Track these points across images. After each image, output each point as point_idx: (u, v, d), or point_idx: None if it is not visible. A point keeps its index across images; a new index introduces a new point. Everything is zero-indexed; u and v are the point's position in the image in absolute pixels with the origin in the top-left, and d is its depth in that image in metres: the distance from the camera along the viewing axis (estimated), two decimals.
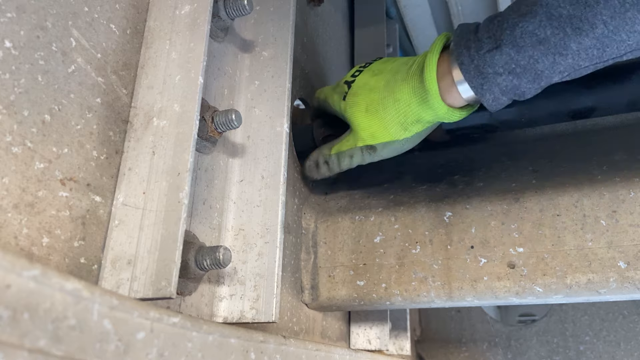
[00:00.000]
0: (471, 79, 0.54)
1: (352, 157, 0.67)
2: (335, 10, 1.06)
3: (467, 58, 0.54)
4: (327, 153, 0.69)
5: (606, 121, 0.74)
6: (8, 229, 0.34)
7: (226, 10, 0.55)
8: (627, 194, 0.58)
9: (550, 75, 0.52)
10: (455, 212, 0.65)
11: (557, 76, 0.52)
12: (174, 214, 0.42)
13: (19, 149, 0.36)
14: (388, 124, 0.62)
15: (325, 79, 0.92)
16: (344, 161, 0.68)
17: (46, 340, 0.22)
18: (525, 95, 0.55)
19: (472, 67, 0.54)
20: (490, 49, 0.52)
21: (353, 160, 0.67)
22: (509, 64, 0.52)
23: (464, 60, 0.54)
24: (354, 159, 0.67)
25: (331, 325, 0.76)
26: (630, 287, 0.55)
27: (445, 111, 0.58)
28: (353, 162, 0.68)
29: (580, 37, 0.48)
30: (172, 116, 0.46)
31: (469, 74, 0.54)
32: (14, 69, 0.36)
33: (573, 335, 1.15)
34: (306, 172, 0.72)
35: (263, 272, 0.52)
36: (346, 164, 0.68)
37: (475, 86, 0.55)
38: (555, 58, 0.50)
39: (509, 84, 0.53)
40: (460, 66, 0.55)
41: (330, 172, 0.70)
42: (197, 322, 0.34)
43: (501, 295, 0.60)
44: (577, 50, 0.49)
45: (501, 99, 0.55)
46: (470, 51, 0.54)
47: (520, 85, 0.53)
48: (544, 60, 0.51)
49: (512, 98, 0.56)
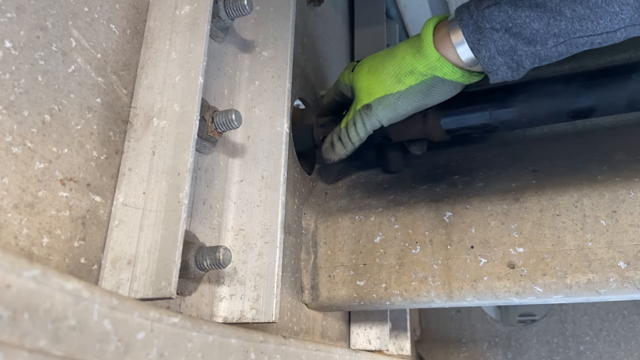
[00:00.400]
0: (469, 34, 0.57)
1: (356, 124, 0.68)
2: (335, 10, 1.06)
3: (466, 14, 0.57)
4: (338, 129, 0.71)
5: (606, 121, 0.74)
6: (8, 229, 0.34)
7: (226, 10, 0.55)
8: (627, 194, 0.58)
9: (544, 37, 0.54)
10: (455, 212, 0.65)
11: (552, 39, 0.54)
12: (174, 214, 0.42)
13: (19, 149, 0.36)
14: (383, 78, 0.64)
15: (325, 79, 0.92)
16: (351, 131, 0.68)
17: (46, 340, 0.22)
18: (523, 63, 0.56)
19: (471, 23, 0.57)
20: (489, 5, 0.55)
21: (357, 127, 0.68)
22: (506, 22, 0.54)
23: (464, 17, 0.57)
24: (357, 125, 0.67)
25: (331, 325, 0.76)
26: (630, 287, 0.55)
27: (437, 59, 0.60)
28: (358, 129, 0.68)
29: (575, 4, 0.51)
30: (172, 116, 0.46)
31: (467, 29, 0.57)
32: (14, 69, 0.36)
33: (573, 335, 1.15)
34: (324, 155, 0.72)
35: (263, 272, 0.52)
36: (353, 133, 0.68)
37: (472, 41, 0.57)
38: (550, 21, 0.53)
39: (505, 44, 0.55)
40: (460, 22, 0.57)
41: (345, 147, 0.70)
42: (197, 322, 0.34)
43: (501, 295, 0.60)
44: (571, 17, 0.52)
45: (497, 58, 0.57)
46: (469, 8, 0.57)
47: (517, 48, 0.55)
48: (539, 21, 0.53)
49: (509, 64, 0.57)
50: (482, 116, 0.70)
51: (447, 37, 0.59)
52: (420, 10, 1.21)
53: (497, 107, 0.69)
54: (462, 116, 0.71)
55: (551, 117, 0.69)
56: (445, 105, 0.69)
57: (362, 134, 0.68)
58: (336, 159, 0.72)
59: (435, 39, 0.60)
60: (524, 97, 0.68)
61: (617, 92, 0.64)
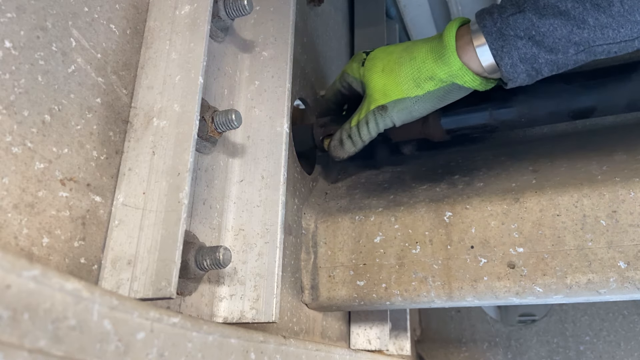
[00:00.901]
0: (492, 41, 0.57)
1: (368, 123, 0.67)
2: (335, 10, 1.06)
3: (489, 21, 0.57)
4: (348, 127, 0.70)
5: (606, 121, 0.74)
6: (8, 229, 0.34)
7: (226, 10, 0.55)
8: (627, 194, 0.58)
9: (566, 46, 0.54)
10: (455, 212, 0.65)
11: (572, 48, 0.54)
12: (174, 214, 0.42)
13: (19, 149, 0.36)
14: (401, 80, 0.63)
15: (325, 79, 0.92)
16: (362, 130, 0.68)
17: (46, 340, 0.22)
18: (542, 70, 0.57)
19: (495, 30, 0.57)
20: (514, 13, 0.56)
21: (369, 126, 0.67)
22: (530, 30, 0.55)
23: (487, 24, 0.57)
24: (370, 124, 0.67)
25: (331, 325, 0.76)
26: (630, 287, 0.55)
27: (459, 67, 0.59)
28: (370, 129, 0.67)
29: (598, 12, 0.52)
30: (172, 116, 0.46)
31: (491, 36, 0.57)
32: (14, 69, 0.36)
33: (573, 335, 1.15)
34: (332, 152, 0.72)
35: (263, 272, 0.52)
36: (365, 132, 0.68)
37: (496, 48, 0.57)
38: (573, 29, 0.53)
39: (528, 52, 0.56)
40: (483, 29, 0.57)
41: (355, 145, 0.69)
42: (197, 322, 0.34)
43: (501, 295, 0.60)
44: (593, 26, 0.52)
45: (519, 66, 0.57)
46: (493, 15, 0.57)
47: (539, 56, 0.55)
48: (562, 29, 0.54)
49: (529, 72, 0.57)
50: (482, 116, 0.70)
51: (469, 44, 0.58)
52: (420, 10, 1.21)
53: (497, 107, 0.69)
54: (462, 116, 0.71)
55: (551, 117, 0.69)
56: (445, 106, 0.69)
57: (373, 133, 0.68)
58: (345, 156, 0.71)
59: (458, 45, 0.59)
60: (524, 97, 0.68)
61: (617, 92, 0.64)
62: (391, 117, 0.65)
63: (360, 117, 0.68)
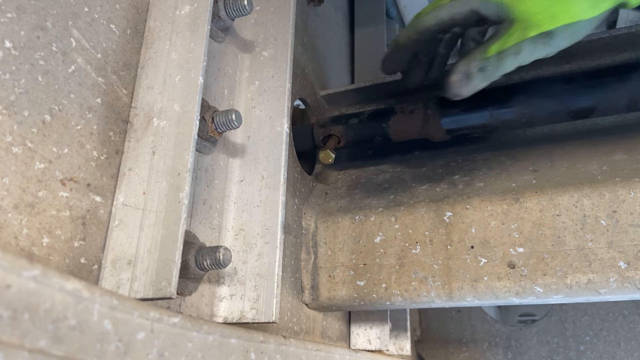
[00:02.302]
0: None
1: (519, 54, 0.56)
2: (335, 10, 1.06)
3: None
4: (481, 57, 0.58)
5: (606, 121, 0.74)
6: (8, 229, 0.34)
7: (226, 11, 0.55)
8: (627, 194, 0.58)
9: None
10: (455, 212, 0.65)
11: None
12: (174, 214, 0.42)
13: (19, 149, 0.36)
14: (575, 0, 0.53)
15: (325, 79, 0.92)
16: (506, 61, 0.57)
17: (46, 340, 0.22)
18: None
19: None
20: None
21: (520, 57, 0.56)
22: None
23: None
24: (522, 55, 0.56)
25: (331, 325, 0.76)
26: (631, 287, 0.55)
27: None
28: (520, 59, 0.57)
29: None
30: (172, 116, 0.46)
31: None
32: (14, 69, 0.36)
33: (573, 336, 1.15)
34: (454, 89, 0.60)
35: (263, 272, 0.52)
36: (508, 64, 0.57)
37: None
38: None
39: None
40: None
41: (487, 79, 0.59)
42: (197, 322, 0.34)
43: (501, 295, 0.60)
44: None
45: None
46: None
47: None
48: None
49: None
50: (482, 116, 0.70)
51: None
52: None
53: (497, 107, 0.69)
54: (462, 116, 0.71)
55: (551, 117, 0.69)
56: (445, 105, 0.69)
57: (519, 65, 0.57)
58: (468, 94, 0.60)
59: None
60: (524, 97, 0.68)
61: (617, 92, 0.64)
62: (556, 46, 0.55)
63: (506, 46, 0.56)
